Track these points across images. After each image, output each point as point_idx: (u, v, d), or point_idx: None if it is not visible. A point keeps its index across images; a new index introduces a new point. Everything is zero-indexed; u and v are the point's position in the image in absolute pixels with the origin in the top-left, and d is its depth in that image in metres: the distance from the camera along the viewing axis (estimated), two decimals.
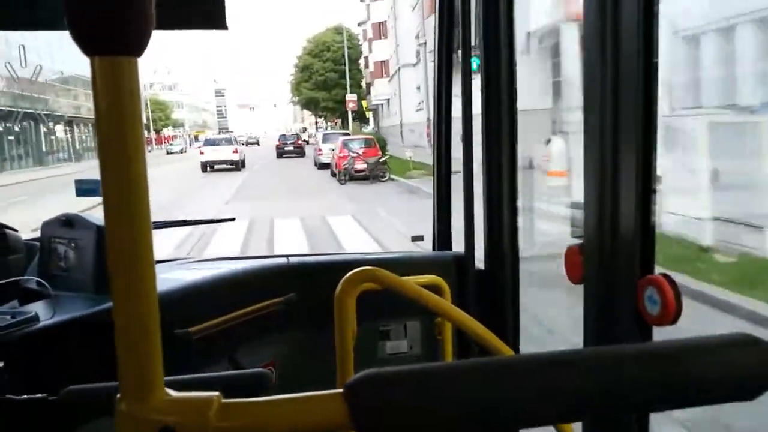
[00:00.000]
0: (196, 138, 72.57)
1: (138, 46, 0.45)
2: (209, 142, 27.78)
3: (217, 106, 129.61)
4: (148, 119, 53.86)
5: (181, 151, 51.46)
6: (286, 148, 35.11)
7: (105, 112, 0.45)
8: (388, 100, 44.25)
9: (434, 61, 2.20)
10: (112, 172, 0.47)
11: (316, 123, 68.07)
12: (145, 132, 0.60)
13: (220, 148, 26.95)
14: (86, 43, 0.44)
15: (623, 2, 1.23)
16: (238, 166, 26.73)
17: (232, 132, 30.73)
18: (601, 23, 1.27)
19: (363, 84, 53.84)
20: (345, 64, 45.62)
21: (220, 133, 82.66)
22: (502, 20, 1.84)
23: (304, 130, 57.02)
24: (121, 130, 0.46)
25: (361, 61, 54.41)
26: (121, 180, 0.47)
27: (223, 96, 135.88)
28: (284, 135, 39.24)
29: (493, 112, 1.90)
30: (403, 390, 0.49)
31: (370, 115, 52.20)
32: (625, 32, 1.23)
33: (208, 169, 26.45)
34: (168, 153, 50.44)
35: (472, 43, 1.98)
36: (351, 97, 41.76)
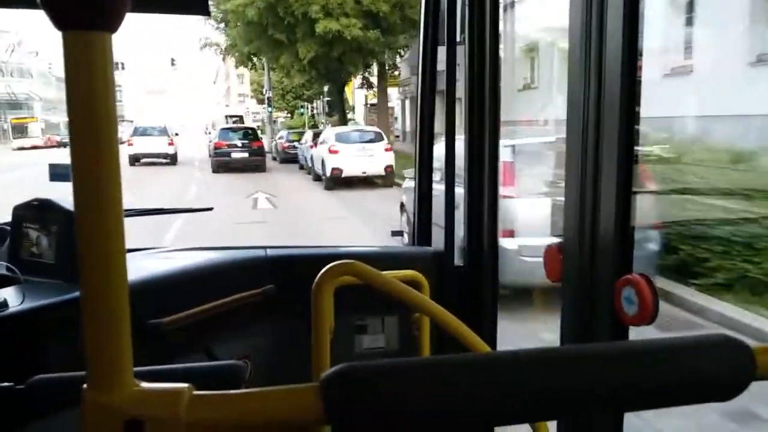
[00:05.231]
0: (15, 128, 41.57)
1: (113, 21, 0.43)
2: (139, 132, 22.77)
3: None
4: None
5: None
6: (234, 155, 19.96)
7: (76, 90, 0.44)
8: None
9: (418, 56, 2.19)
10: (83, 154, 0.45)
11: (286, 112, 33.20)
12: None
13: (153, 138, 22.34)
14: (59, 17, 0.42)
15: (607, 9, 1.24)
16: (173, 160, 22.68)
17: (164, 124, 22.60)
18: (585, 26, 1.28)
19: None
20: None
21: None
22: (487, 16, 1.84)
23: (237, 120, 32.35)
24: (92, 110, 0.44)
25: None
26: (93, 164, 0.45)
27: (117, 70, 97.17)
28: (228, 128, 23.21)
29: (476, 109, 1.90)
30: (377, 385, 0.49)
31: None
32: (608, 36, 1.24)
33: (136, 163, 21.61)
34: None
35: (457, 39, 1.97)
36: None
